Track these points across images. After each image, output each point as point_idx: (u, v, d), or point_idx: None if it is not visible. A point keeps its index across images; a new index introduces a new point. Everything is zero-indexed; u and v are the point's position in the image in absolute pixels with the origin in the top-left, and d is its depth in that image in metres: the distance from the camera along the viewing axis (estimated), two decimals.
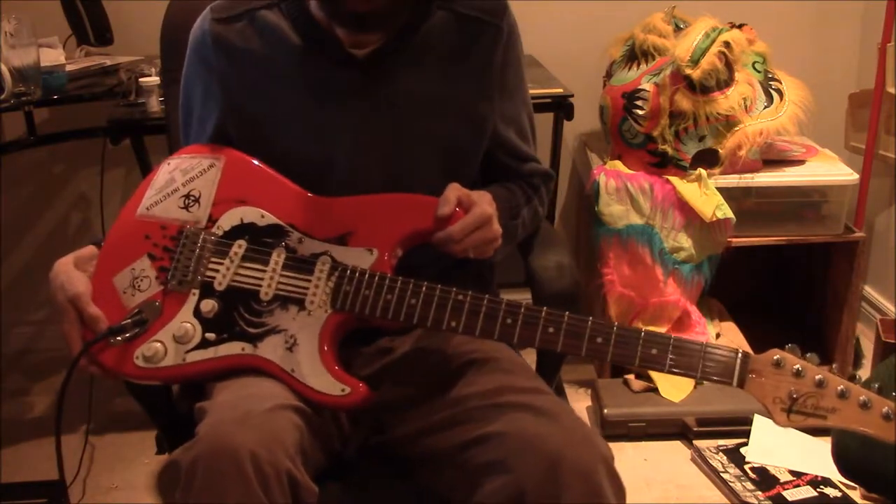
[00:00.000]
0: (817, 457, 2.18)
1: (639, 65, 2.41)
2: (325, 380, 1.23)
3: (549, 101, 2.36)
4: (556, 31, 2.70)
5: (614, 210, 2.40)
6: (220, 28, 1.40)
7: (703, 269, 2.45)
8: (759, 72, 2.45)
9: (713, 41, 2.30)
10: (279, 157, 1.38)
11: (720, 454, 2.23)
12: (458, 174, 1.37)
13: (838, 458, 1.52)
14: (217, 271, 1.30)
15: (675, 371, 1.16)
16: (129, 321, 1.27)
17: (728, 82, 2.34)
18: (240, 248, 1.31)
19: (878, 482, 1.58)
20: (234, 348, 1.26)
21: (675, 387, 2.39)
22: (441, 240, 1.27)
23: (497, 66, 1.44)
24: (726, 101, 2.33)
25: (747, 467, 2.18)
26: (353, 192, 1.35)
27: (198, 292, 1.29)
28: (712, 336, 2.50)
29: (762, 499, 2.08)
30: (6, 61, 2.07)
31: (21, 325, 2.86)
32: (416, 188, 1.34)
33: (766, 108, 2.40)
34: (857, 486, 2.04)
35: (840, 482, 2.10)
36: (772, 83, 2.45)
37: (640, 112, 2.35)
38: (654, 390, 2.40)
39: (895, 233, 2.70)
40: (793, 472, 2.16)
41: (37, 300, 2.83)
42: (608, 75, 2.55)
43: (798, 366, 1.11)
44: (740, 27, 2.46)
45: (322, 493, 1.20)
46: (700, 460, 2.24)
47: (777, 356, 1.12)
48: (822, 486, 2.11)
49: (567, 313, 1.19)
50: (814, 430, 1.87)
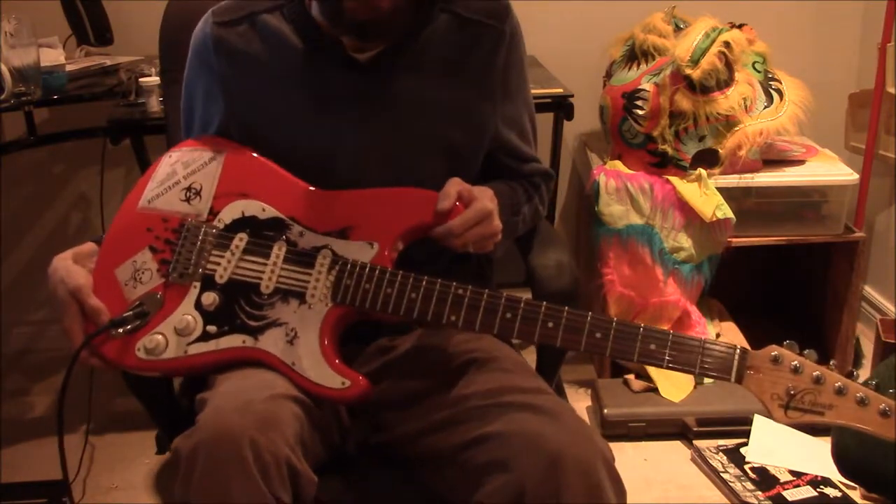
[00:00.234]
0: (817, 457, 2.17)
1: (639, 65, 2.42)
2: (325, 373, 1.23)
3: (549, 101, 2.37)
4: (556, 31, 2.70)
5: (614, 210, 2.39)
6: (221, 31, 1.40)
7: (703, 269, 2.45)
8: (759, 72, 2.45)
9: (713, 41, 2.30)
10: (280, 159, 1.38)
11: (720, 454, 2.23)
12: (459, 175, 1.37)
13: (838, 457, 1.53)
14: (218, 264, 1.30)
15: (673, 367, 1.16)
16: (130, 313, 1.27)
17: (728, 82, 2.34)
18: (241, 241, 1.31)
19: (877, 482, 1.59)
20: (235, 341, 1.26)
21: (675, 387, 2.39)
22: (441, 234, 1.27)
23: (499, 70, 1.44)
24: (726, 101, 2.33)
25: (747, 467, 2.18)
26: None
27: (199, 285, 1.29)
28: (712, 336, 2.49)
29: (762, 499, 2.07)
30: (6, 61, 2.07)
31: (21, 325, 2.86)
32: None
33: (766, 108, 2.40)
34: (857, 486, 2.04)
35: (840, 482, 2.10)
36: (772, 83, 2.45)
37: (640, 112, 2.35)
38: (654, 390, 2.40)
39: (895, 233, 2.70)
40: (793, 472, 2.16)
41: (37, 300, 2.83)
42: (608, 75, 2.55)
43: (796, 362, 1.12)
44: (740, 27, 2.46)
45: (322, 485, 1.20)
46: (700, 460, 2.23)
47: (775, 352, 1.13)
48: (822, 486, 2.10)
49: (566, 308, 1.19)
50: (812, 427, 1.87)
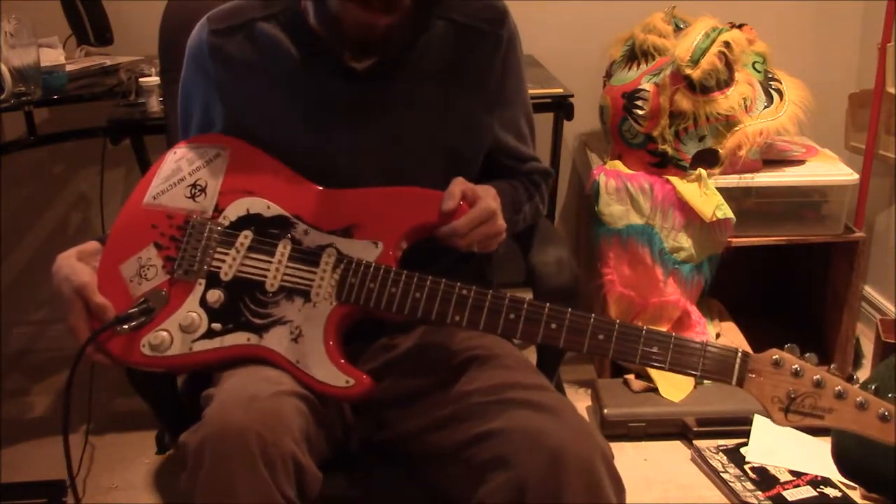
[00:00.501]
0: (817, 457, 2.18)
1: (639, 65, 2.42)
2: (329, 371, 1.24)
3: (549, 101, 2.37)
4: (556, 31, 2.70)
5: (614, 210, 2.40)
6: (217, 40, 1.39)
7: (703, 269, 2.45)
8: (759, 72, 2.45)
9: (713, 41, 2.30)
10: None
11: (720, 454, 2.23)
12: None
13: (838, 458, 1.53)
14: (223, 261, 1.30)
15: (675, 369, 1.17)
16: (135, 310, 1.27)
17: (728, 82, 2.34)
18: (246, 238, 1.31)
19: (877, 482, 1.59)
20: (239, 338, 1.27)
21: (675, 387, 2.39)
22: (446, 234, 1.27)
23: (496, 75, 1.44)
24: (726, 101, 2.33)
25: (747, 467, 2.18)
26: None
27: (204, 282, 1.30)
28: (712, 336, 2.50)
29: (762, 499, 2.07)
30: (6, 61, 2.07)
31: (21, 325, 2.86)
32: None
33: (766, 108, 2.40)
34: (857, 486, 2.04)
35: (840, 482, 2.10)
36: (772, 83, 2.46)
37: (640, 112, 2.35)
38: (654, 390, 2.40)
39: (895, 233, 2.71)
40: (793, 472, 2.16)
41: (37, 300, 2.83)
42: (608, 75, 2.56)
43: (797, 366, 1.12)
44: (740, 27, 2.46)
45: (326, 482, 1.21)
46: (700, 460, 2.24)
47: (776, 356, 1.14)
48: (822, 486, 2.11)
49: (570, 310, 1.20)
50: (813, 429, 1.87)
